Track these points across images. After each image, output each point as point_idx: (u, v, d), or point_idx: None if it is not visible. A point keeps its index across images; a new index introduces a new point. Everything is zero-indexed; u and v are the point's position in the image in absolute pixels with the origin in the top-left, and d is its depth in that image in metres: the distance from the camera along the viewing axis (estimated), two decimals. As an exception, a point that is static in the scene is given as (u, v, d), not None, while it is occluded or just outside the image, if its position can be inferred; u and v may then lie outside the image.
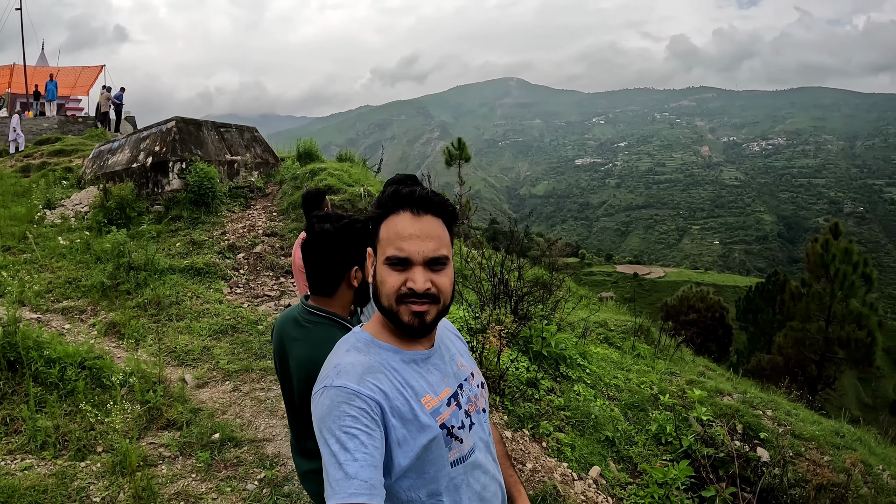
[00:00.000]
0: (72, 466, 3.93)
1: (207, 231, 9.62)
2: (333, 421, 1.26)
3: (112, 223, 9.33)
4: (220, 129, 11.89)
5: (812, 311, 20.95)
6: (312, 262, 2.07)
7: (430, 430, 1.39)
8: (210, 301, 7.52)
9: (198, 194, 10.12)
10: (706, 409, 6.02)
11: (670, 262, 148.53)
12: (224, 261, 8.82)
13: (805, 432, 5.87)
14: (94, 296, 7.35)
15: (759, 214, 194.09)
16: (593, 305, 14.37)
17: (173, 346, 6.23)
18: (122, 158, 11.34)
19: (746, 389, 7.33)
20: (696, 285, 37.37)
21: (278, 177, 12.23)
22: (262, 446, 4.52)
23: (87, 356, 5.10)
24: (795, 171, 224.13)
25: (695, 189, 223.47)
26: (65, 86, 25.84)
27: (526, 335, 6.82)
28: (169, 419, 4.71)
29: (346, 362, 1.38)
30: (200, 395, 5.29)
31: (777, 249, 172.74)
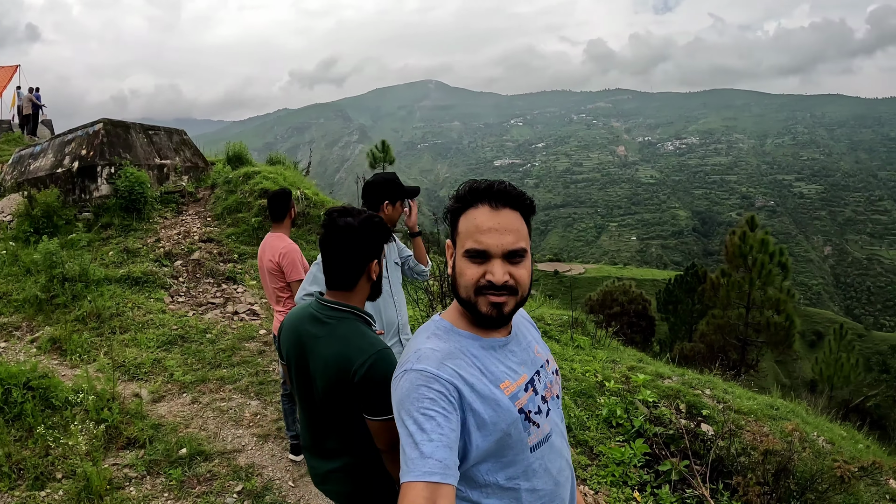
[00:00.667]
0: (31, 497, 3.64)
1: (141, 238, 9.18)
2: (412, 403, 1.29)
3: (39, 232, 8.75)
4: (148, 131, 11.36)
5: (732, 299, 22.18)
6: (335, 256, 2.03)
7: (509, 415, 1.41)
8: (153, 311, 7.16)
9: (129, 200, 9.61)
10: (651, 392, 6.22)
11: (590, 258, 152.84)
12: (162, 269, 8.44)
13: (743, 407, 6.14)
14: (29, 310, 6.86)
15: (675, 210, 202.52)
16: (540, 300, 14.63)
17: (122, 360, 5.87)
18: (45, 163, 10.64)
19: (685, 372, 7.60)
20: (616, 280, 38.53)
21: (209, 181, 11.82)
22: (233, 458, 4.33)
23: (31, 376, 4.73)
24: (708, 168, 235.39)
25: (612, 188, 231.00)
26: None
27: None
28: (129, 437, 4.43)
29: (426, 347, 1.41)
30: (158, 409, 5.01)
31: (692, 243, 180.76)
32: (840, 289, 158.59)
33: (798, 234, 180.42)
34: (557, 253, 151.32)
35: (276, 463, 4.38)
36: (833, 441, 5.84)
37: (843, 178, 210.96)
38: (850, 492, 4.60)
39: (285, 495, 3.94)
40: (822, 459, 4.95)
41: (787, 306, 21.07)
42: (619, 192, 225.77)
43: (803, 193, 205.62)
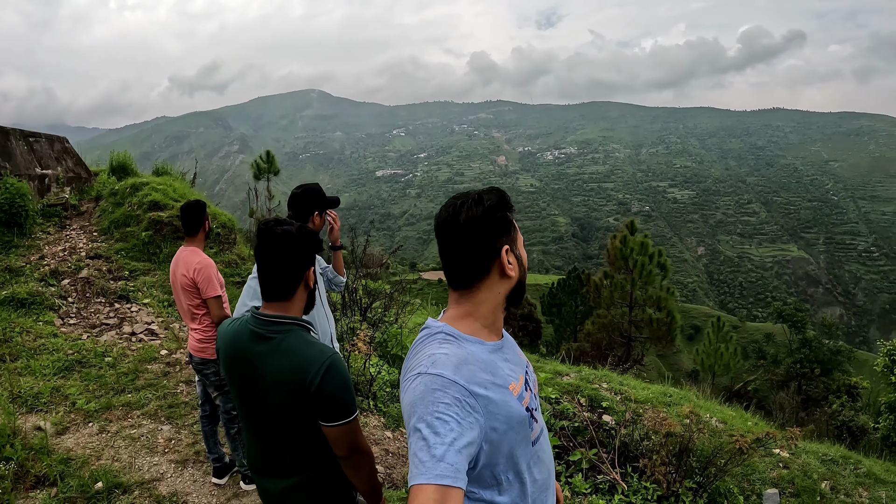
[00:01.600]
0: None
1: (24, 256, 8.52)
2: (426, 406, 1.31)
3: None
4: (28, 138, 10.52)
5: (616, 299, 23.47)
6: (273, 266, 2.02)
7: (520, 415, 1.48)
8: (43, 335, 6.69)
9: (9, 214, 8.87)
10: (552, 389, 6.49)
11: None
12: (48, 289, 7.88)
13: (640, 396, 6.52)
14: None
15: (554, 217, 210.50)
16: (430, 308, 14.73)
17: (17, 391, 5.43)
18: None
19: (581, 368, 7.94)
20: (501, 285, 39.68)
21: (94, 192, 11.14)
22: (154, 487, 4.16)
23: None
24: (586, 176, 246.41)
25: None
26: None
27: (381, 339, 7.02)
28: (38, 475, 4.12)
29: (440, 353, 1.43)
30: (65, 442, 4.70)
31: (573, 248, 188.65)
32: (714, 285, 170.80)
33: (673, 236, 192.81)
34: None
35: (199, 488, 4.23)
36: (725, 421, 6.28)
37: (714, 183, 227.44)
38: (746, 463, 4.99)
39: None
40: (719, 437, 5.38)
41: (668, 303, 22.46)
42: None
43: (677, 199, 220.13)
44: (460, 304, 1.56)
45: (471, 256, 1.52)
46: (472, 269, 1.53)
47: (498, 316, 1.59)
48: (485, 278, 1.54)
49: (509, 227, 1.57)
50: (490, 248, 1.52)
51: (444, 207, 1.58)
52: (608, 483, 4.83)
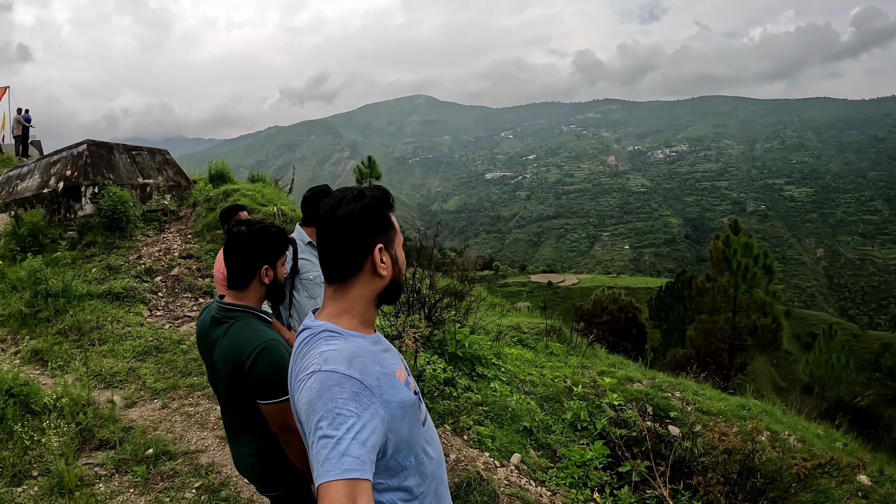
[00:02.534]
0: (9, 492, 4.00)
1: (123, 256, 9.53)
2: (324, 403, 1.32)
3: (25, 251, 9.09)
4: (131, 151, 11.73)
5: (719, 304, 22.06)
6: (229, 259, 2.39)
7: (410, 399, 1.55)
8: (131, 324, 7.52)
9: (112, 219, 9.96)
10: (617, 396, 6.42)
11: (583, 269, 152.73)
12: (142, 284, 8.78)
13: (712, 408, 6.37)
14: (14, 325, 7.25)
15: (666, 218, 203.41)
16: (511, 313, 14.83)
17: (99, 370, 6.24)
18: (32, 184, 11.02)
19: (655, 375, 7.81)
20: (608, 289, 38.72)
21: (191, 199, 12.16)
22: (195, 457, 4.68)
23: (13, 384, 5.12)
24: (699, 175, 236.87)
25: (603, 197, 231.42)
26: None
27: (440, 338, 7.16)
28: (101, 439, 4.80)
29: (330, 349, 1.45)
30: (130, 414, 5.38)
31: (685, 250, 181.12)
32: (834, 290, 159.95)
33: (790, 237, 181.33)
34: (551, 264, 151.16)
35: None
36: (805, 440, 5.97)
37: (833, 180, 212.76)
38: (818, 489, 4.67)
39: (240, 491, 4.27)
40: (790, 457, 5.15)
41: (774, 309, 21.07)
42: (611, 202, 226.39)
43: (794, 197, 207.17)
44: (336, 301, 1.59)
45: (344, 251, 1.55)
46: (345, 264, 1.56)
47: (371, 312, 1.62)
48: (357, 275, 1.57)
49: (387, 226, 1.60)
50: (364, 245, 1.55)
51: (326, 200, 1.62)
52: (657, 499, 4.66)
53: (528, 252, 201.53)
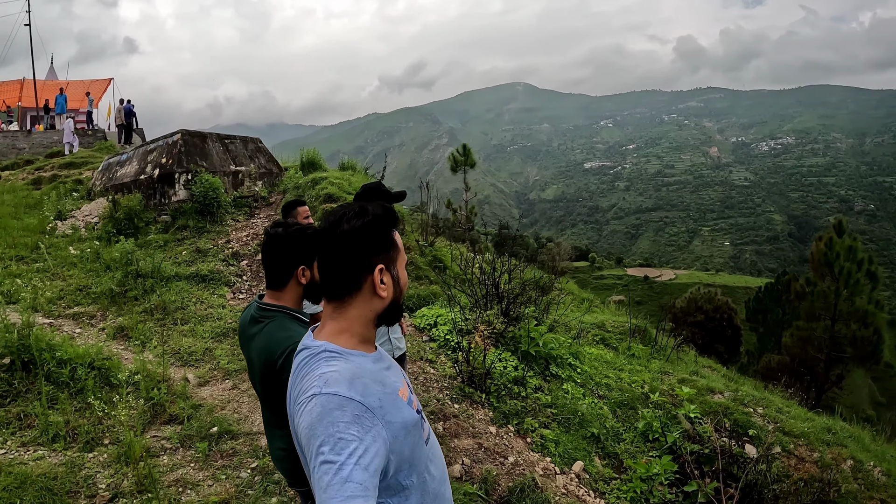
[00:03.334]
0: (80, 457, 4.26)
1: (212, 240, 9.93)
2: (325, 427, 1.30)
3: (121, 233, 9.67)
4: (224, 140, 12.22)
5: (817, 310, 20.76)
6: (268, 260, 2.42)
7: (413, 418, 1.52)
8: (213, 306, 7.84)
9: (203, 204, 10.42)
10: (695, 407, 6.18)
11: (681, 264, 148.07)
12: (228, 268, 9.13)
13: (795, 429, 6.01)
14: (104, 302, 7.70)
15: (770, 214, 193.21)
16: (595, 308, 14.51)
17: (177, 348, 6.57)
18: (130, 170, 11.69)
19: (739, 388, 7.42)
20: (706, 287, 37.25)
21: (282, 186, 12.52)
22: (256, 438, 4.82)
23: (96, 357, 5.47)
24: (805, 170, 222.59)
25: (704, 190, 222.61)
26: (74, 99, 26.23)
27: (515, 335, 7.04)
28: (172, 414, 5.05)
29: (330, 371, 1.42)
30: (201, 392, 5.62)
31: (788, 249, 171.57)
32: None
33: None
34: (648, 258, 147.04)
35: (291, 446, 4.82)
36: (892, 473, 5.55)
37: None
38: None
39: (290, 477, 4.36)
40: (873, 492, 4.79)
41: (877, 319, 19.71)
42: (712, 195, 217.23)
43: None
44: (335, 320, 1.56)
45: (343, 270, 1.51)
46: (344, 282, 1.52)
47: (370, 331, 1.59)
48: (356, 294, 1.53)
49: (389, 245, 1.56)
50: (363, 265, 1.51)
51: (327, 215, 1.58)
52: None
53: (625, 244, 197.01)
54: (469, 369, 6.15)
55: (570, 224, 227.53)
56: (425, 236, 15.43)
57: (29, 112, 27.34)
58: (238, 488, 4.07)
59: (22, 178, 16.03)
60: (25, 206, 12.15)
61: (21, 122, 26.49)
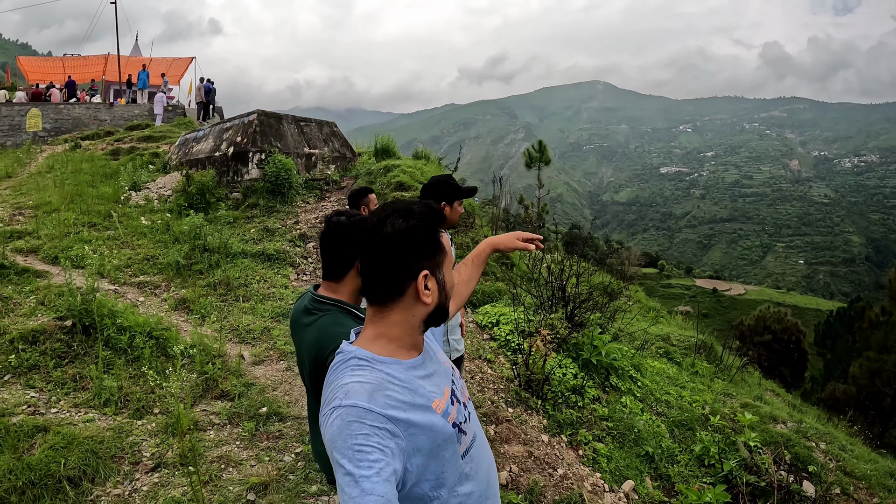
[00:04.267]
0: (129, 423, 4.32)
1: (281, 220, 10.01)
2: (345, 440, 1.29)
3: (192, 207, 9.87)
4: (299, 122, 12.33)
5: (890, 342, 19.83)
6: (326, 249, 2.30)
7: (445, 431, 1.47)
8: (276, 286, 7.87)
9: (275, 184, 10.52)
10: (755, 435, 5.90)
11: (752, 279, 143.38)
12: (294, 248, 9.18)
13: (857, 470, 5.69)
14: (169, 273, 7.84)
15: (848, 235, 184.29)
16: (661, 319, 14.12)
17: (236, 325, 6.61)
18: (205, 147, 11.95)
19: (803, 419, 7.12)
20: (775, 305, 35.88)
21: (354, 171, 12.56)
22: (304, 423, 4.76)
23: (155, 327, 5.57)
24: (888, 190, 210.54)
25: (782, 205, 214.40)
26: (156, 75, 27.23)
27: (578, 342, 6.84)
28: (223, 390, 5.07)
29: (352, 382, 1.40)
30: (255, 371, 5.62)
31: (864, 273, 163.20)
32: None
33: None
34: (718, 270, 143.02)
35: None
36: None
37: None
38: None
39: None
40: None
41: (952, 357, 18.68)
42: (790, 210, 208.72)
43: None
44: (374, 324, 1.52)
45: (386, 274, 1.46)
46: (387, 287, 1.48)
47: (415, 336, 1.54)
48: (399, 299, 1.49)
49: (435, 249, 1.51)
50: (407, 269, 1.46)
51: (372, 213, 1.53)
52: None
53: (696, 254, 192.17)
54: (527, 373, 5.99)
55: (642, 229, 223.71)
56: (495, 231, 15.32)
57: (112, 86, 28.40)
58: (280, 472, 4.02)
59: (101, 149, 16.61)
60: (102, 176, 12.56)
61: (104, 95, 27.52)
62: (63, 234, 8.56)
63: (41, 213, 9.84)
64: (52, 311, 5.60)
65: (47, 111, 21.88)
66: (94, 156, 15.16)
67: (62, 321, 5.34)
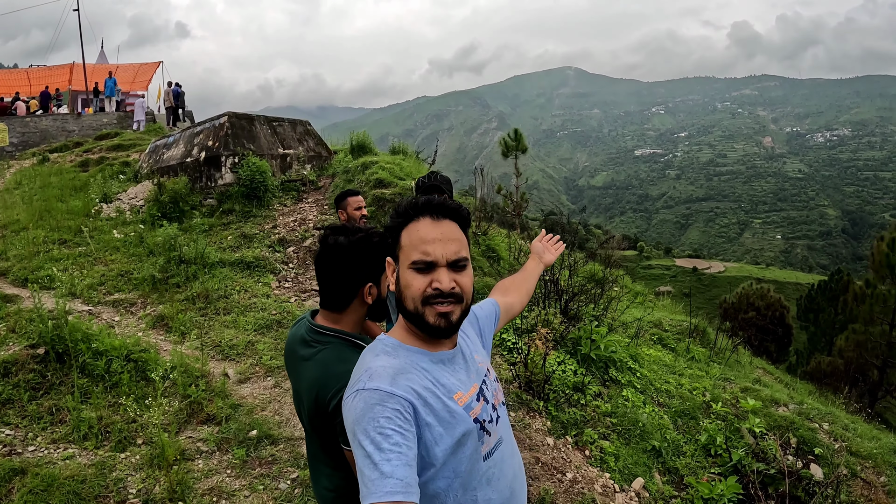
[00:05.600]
0: (112, 457, 4.02)
1: (259, 224, 9.72)
2: (368, 423, 1.28)
3: (165, 217, 9.54)
4: (272, 123, 12.02)
5: (875, 314, 20.05)
6: (325, 276, 1.94)
7: (465, 425, 1.44)
8: (258, 295, 7.58)
9: (250, 188, 10.22)
10: (760, 421, 5.80)
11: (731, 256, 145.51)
12: (274, 254, 8.90)
13: (862, 449, 5.57)
14: (145, 289, 7.51)
15: (823, 209, 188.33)
16: (648, 303, 14.05)
17: (218, 340, 6.30)
18: (176, 153, 11.59)
19: (803, 400, 7.02)
20: (756, 281, 36.21)
21: (331, 170, 12.29)
22: (297, 445, 4.50)
23: (132, 349, 5.26)
24: (861, 163, 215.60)
25: (757, 181, 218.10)
26: (123, 82, 26.75)
27: (575, 337, 6.67)
28: (209, 413, 4.77)
29: (377, 366, 1.41)
30: (241, 390, 5.33)
31: (841, 246, 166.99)
32: None
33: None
34: (697, 249, 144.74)
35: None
36: None
37: None
38: None
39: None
40: None
41: (939, 327, 18.92)
42: (765, 187, 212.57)
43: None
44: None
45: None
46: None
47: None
48: None
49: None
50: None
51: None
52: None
53: (674, 234, 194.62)
54: (527, 374, 5.78)
55: (619, 212, 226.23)
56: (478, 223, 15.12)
57: (79, 95, 27.95)
58: (276, 501, 3.77)
59: (70, 160, 16.14)
60: (72, 189, 12.16)
61: (71, 105, 27.00)
62: (32, 254, 8.20)
63: (9, 232, 9.47)
64: (24, 339, 5.25)
65: (13, 125, 21.39)
66: (62, 168, 14.73)
67: (34, 349, 4.99)
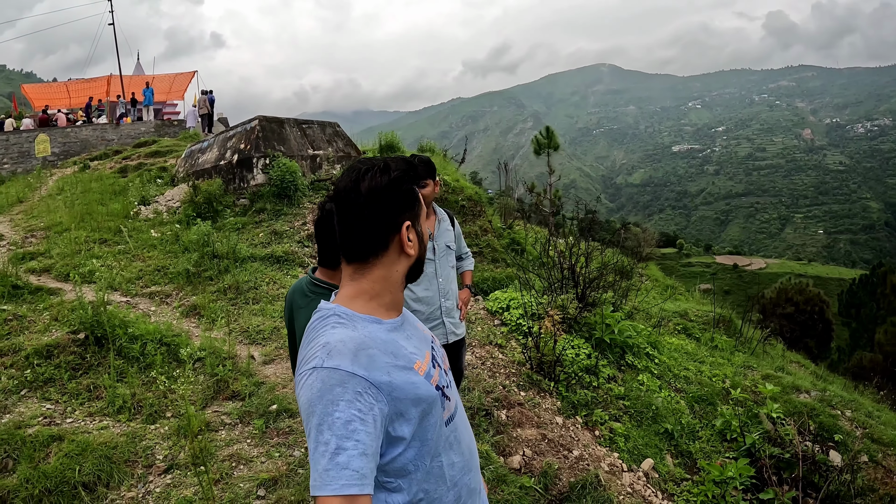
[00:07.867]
0: (142, 428, 4.38)
1: (289, 222, 10.04)
2: (325, 406, 1.23)
3: (200, 216, 9.92)
4: (302, 125, 12.37)
5: (914, 306, 19.64)
6: (321, 237, 2.34)
7: (429, 395, 1.41)
8: (285, 286, 7.87)
9: (280, 188, 10.54)
10: (778, 406, 5.84)
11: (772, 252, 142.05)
12: (303, 249, 9.22)
13: (885, 436, 5.61)
14: (180, 282, 7.92)
15: (866, 202, 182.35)
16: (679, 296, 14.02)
17: (246, 327, 6.65)
18: (210, 157, 12.04)
19: (826, 387, 7.02)
20: (797, 277, 35.43)
21: (360, 170, 12.56)
22: (316, 418, 4.77)
23: (166, 333, 5.65)
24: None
25: (797, 175, 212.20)
26: (160, 92, 27.40)
27: (591, 322, 6.80)
28: (234, 391, 5.11)
29: (335, 340, 1.33)
30: (265, 370, 5.65)
31: (885, 239, 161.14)
32: None
33: None
34: (738, 245, 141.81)
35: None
36: None
37: None
38: None
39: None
40: None
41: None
42: (806, 180, 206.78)
43: None
44: (354, 281, 1.48)
45: (369, 229, 1.42)
46: (369, 242, 1.44)
47: (396, 293, 1.51)
48: (382, 254, 1.45)
49: (414, 202, 1.49)
50: (391, 223, 1.43)
51: (345, 173, 1.50)
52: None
53: (714, 231, 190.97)
54: (538, 356, 5.96)
55: (658, 209, 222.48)
56: (504, 219, 15.31)
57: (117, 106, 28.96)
58: (289, 467, 4.04)
59: (109, 167, 16.76)
60: (111, 193, 12.68)
61: (110, 116, 27.96)
62: (74, 252, 8.66)
63: (53, 233, 9.99)
64: (66, 326, 5.67)
65: (55, 135, 22.16)
66: (102, 175, 15.31)
67: (75, 334, 5.41)
